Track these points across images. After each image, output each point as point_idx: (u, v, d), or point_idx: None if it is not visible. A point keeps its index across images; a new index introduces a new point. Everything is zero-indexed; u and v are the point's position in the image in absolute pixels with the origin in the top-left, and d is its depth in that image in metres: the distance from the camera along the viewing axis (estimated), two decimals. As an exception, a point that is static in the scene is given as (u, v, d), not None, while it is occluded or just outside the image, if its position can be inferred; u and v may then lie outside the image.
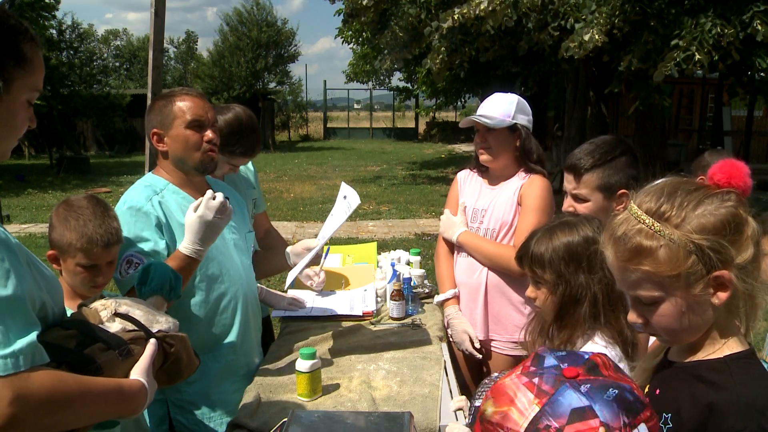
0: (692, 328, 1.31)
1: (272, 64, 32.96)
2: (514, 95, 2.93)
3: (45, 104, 21.73)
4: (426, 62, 9.69)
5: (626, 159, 2.36)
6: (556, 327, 1.88)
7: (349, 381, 2.41)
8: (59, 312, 1.46)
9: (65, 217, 2.00)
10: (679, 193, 1.28)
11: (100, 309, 1.53)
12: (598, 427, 0.96)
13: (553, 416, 0.97)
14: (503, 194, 2.93)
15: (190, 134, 2.31)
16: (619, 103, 17.80)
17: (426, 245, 9.37)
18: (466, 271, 3.03)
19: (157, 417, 2.38)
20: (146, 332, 1.55)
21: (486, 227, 2.94)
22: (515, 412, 1.01)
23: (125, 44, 57.98)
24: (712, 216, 1.24)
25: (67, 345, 1.37)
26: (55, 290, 1.45)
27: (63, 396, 1.24)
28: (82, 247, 1.96)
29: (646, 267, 1.27)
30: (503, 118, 2.83)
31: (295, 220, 12.01)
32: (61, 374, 1.26)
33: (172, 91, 2.39)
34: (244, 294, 2.47)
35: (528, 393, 1.02)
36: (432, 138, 35.35)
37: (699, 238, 1.23)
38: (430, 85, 23.17)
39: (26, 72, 1.34)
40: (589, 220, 1.90)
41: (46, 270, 1.44)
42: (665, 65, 6.83)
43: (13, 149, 1.44)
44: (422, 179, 18.19)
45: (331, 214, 2.73)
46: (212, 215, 2.13)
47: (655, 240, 1.26)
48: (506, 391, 1.05)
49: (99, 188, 16.16)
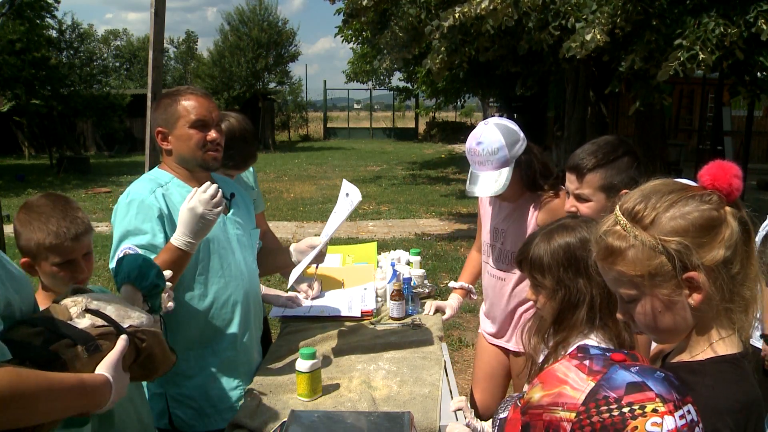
0: (673, 328, 1.31)
1: (272, 64, 32.93)
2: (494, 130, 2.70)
3: (45, 104, 21.75)
4: (426, 62, 9.66)
5: (629, 159, 2.35)
6: (554, 329, 1.89)
7: (349, 381, 2.40)
8: (27, 310, 1.46)
9: (27, 220, 1.89)
10: (656, 195, 1.29)
11: (70, 305, 1.53)
12: (655, 397, 0.98)
13: (610, 388, 1.00)
14: (520, 215, 2.86)
15: (193, 134, 2.32)
16: (619, 103, 17.79)
17: (426, 245, 9.38)
18: (491, 290, 3.05)
19: (156, 411, 2.38)
20: (116, 327, 1.54)
21: (507, 249, 2.90)
22: (569, 389, 1.03)
23: (125, 44, 58.02)
24: (682, 218, 1.24)
25: (33, 342, 1.37)
26: (23, 288, 1.44)
27: (23, 392, 1.24)
28: (52, 245, 1.85)
29: (619, 267, 1.29)
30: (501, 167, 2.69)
31: (295, 220, 12.02)
32: (19, 370, 1.26)
33: (177, 89, 2.39)
34: (246, 290, 2.46)
35: (580, 373, 1.04)
36: (432, 138, 35.37)
37: (666, 240, 1.23)
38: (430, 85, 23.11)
39: None
40: (588, 223, 1.90)
41: (15, 269, 1.43)
42: (669, 65, 6.82)
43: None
44: (422, 179, 18.20)
45: (333, 212, 2.74)
46: (203, 208, 2.12)
47: (624, 240, 1.28)
48: (556, 374, 1.07)
49: (99, 188, 16.19)
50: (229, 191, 2.55)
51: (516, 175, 2.73)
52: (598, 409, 0.99)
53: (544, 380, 1.09)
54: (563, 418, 1.01)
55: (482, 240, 3.11)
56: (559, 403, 1.03)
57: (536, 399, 1.07)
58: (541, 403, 1.05)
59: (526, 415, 1.08)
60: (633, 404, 0.98)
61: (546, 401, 1.05)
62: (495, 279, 3.00)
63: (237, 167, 2.90)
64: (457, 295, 3.26)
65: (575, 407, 1.01)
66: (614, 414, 0.98)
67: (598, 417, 0.99)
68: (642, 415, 0.97)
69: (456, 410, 2.19)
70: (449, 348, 2.84)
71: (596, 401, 1.00)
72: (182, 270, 2.20)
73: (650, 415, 0.97)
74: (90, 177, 18.93)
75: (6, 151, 25.26)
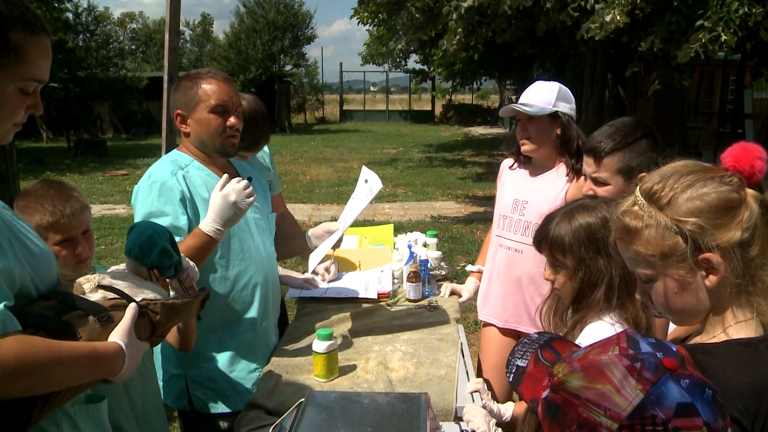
0: (689, 309, 1.30)
1: (288, 46, 32.84)
2: (556, 83, 2.87)
3: (62, 87, 21.84)
4: (442, 43, 9.60)
5: (647, 142, 2.31)
6: (572, 309, 1.88)
7: (365, 362, 2.41)
8: (48, 286, 1.46)
9: (25, 206, 1.95)
10: (675, 175, 1.28)
11: (84, 282, 1.55)
12: (702, 426, 0.95)
13: (660, 407, 0.96)
14: (545, 186, 2.86)
15: (213, 119, 2.31)
16: (637, 86, 17.61)
17: (442, 228, 9.36)
18: (505, 264, 2.96)
19: (176, 392, 2.40)
20: (128, 299, 1.55)
21: (527, 220, 2.86)
22: (616, 394, 0.98)
23: (141, 27, 58.00)
24: (699, 199, 1.23)
25: (46, 313, 1.39)
26: (42, 265, 1.44)
27: (33, 360, 1.25)
28: (50, 223, 1.91)
29: (635, 246, 1.30)
30: (544, 105, 2.78)
31: (311, 202, 12.04)
32: (31, 339, 1.27)
33: (198, 72, 2.38)
34: (265, 273, 2.47)
35: (630, 377, 0.99)
36: (448, 120, 35.24)
37: (682, 220, 1.23)
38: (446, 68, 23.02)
39: (14, 60, 1.31)
40: (608, 203, 1.88)
41: (35, 246, 1.43)
42: (689, 47, 6.71)
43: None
44: (438, 162, 18.15)
45: (352, 198, 2.73)
46: (236, 196, 2.13)
47: (640, 220, 1.28)
48: (602, 368, 1.03)
49: (116, 171, 16.27)
50: (245, 175, 2.55)
51: (554, 130, 2.80)
52: (643, 428, 0.96)
53: (586, 369, 1.04)
54: (603, 425, 0.97)
55: (496, 214, 3.04)
56: (602, 406, 0.98)
57: (574, 387, 1.03)
58: (579, 394, 1.02)
59: (558, 396, 1.05)
60: (680, 430, 0.95)
61: (586, 395, 1.01)
62: (509, 251, 2.93)
63: (248, 149, 2.90)
64: (474, 278, 3.23)
65: (619, 418, 0.96)
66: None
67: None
68: None
69: (472, 392, 2.19)
70: (465, 330, 2.84)
71: (642, 418, 0.96)
72: (207, 257, 2.19)
73: None
74: (107, 159, 19.03)
75: (24, 134, 25.34)
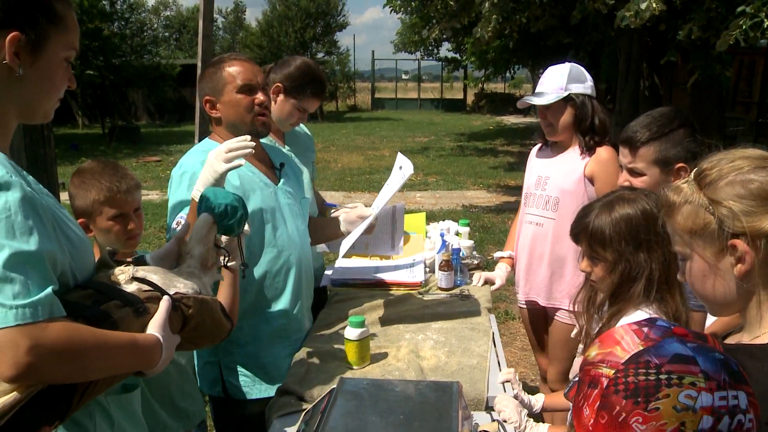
0: (719, 297, 1.29)
1: (320, 33, 32.91)
2: (567, 64, 2.93)
3: (98, 74, 22.11)
4: (476, 30, 9.52)
5: (684, 131, 2.26)
6: (609, 302, 1.86)
7: (397, 350, 2.41)
8: (83, 278, 1.48)
9: (81, 182, 2.08)
10: (730, 159, 1.26)
11: (118, 273, 1.57)
12: (698, 372, 0.96)
13: (656, 355, 0.99)
14: (564, 162, 2.97)
15: (241, 98, 2.32)
16: (673, 75, 17.29)
17: (473, 217, 9.33)
18: (531, 240, 3.08)
19: (210, 379, 2.43)
20: (161, 292, 1.57)
21: (548, 195, 2.98)
22: (619, 349, 1.03)
23: (175, 14, 58.43)
24: (741, 185, 1.21)
25: (85, 302, 1.40)
26: (80, 254, 1.45)
27: (79, 346, 1.27)
28: (106, 198, 2.04)
29: (672, 220, 1.32)
30: (555, 92, 2.87)
31: (343, 190, 12.08)
32: (77, 326, 1.29)
33: (221, 57, 2.41)
34: (298, 259, 2.47)
35: (635, 337, 1.04)
36: (480, 109, 35.01)
37: (717, 201, 1.22)
38: (479, 56, 22.81)
39: (60, 30, 1.37)
40: (647, 195, 1.85)
41: (74, 233, 1.44)
42: (729, 34, 6.55)
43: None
44: (470, 151, 18.06)
45: (386, 184, 2.73)
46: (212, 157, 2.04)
47: (680, 195, 1.29)
48: (614, 335, 1.07)
49: (150, 157, 16.46)
50: (278, 161, 2.55)
51: (570, 111, 2.88)
52: (636, 371, 0.98)
53: (603, 340, 1.09)
54: (603, 374, 1.02)
55: (523, 195, 3.17)
56: (605, 360, 1.04)
57: (591, 357, 1.08)
58: (593, 361, 1.06)
59: (581, 371, 1.09)
60: (672, 373, 0.96)
61: (597, 359, 1.06)
62: (533, 226, 3.05)
63: (315, 95, 2.90)
64: (505, 264, 3.24)
65: (616, 365, 1.01)
66: (650, 378, 0.96)
67: (633, 378, 0.98)
68: (678, 384, 0.94)
69: (504, 382, 2.18)
70: (496, 320, 2.83)
71: (636, 363, 0.99)
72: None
73: (686, 387, 0.94)
74: (141, 146, 19.25)
75: (61, 120, 25.74)
